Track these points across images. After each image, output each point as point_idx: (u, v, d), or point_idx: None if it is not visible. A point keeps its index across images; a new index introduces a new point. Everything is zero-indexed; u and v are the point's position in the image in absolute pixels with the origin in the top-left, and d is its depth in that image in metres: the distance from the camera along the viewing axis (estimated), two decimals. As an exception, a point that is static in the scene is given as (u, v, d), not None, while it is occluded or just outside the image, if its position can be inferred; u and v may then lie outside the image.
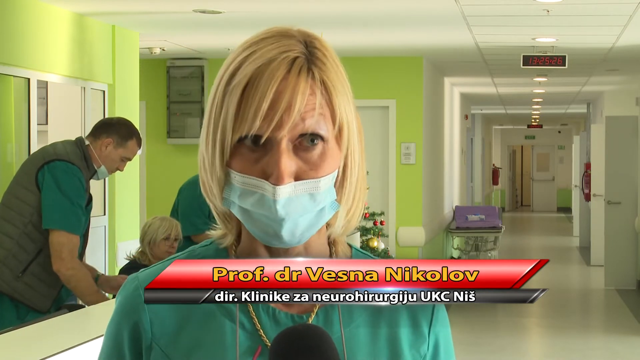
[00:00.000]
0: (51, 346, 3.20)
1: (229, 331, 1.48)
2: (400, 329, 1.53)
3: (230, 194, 1.45)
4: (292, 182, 1.42)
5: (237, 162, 1.44)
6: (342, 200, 1.49)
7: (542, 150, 38.15)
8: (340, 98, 1.47)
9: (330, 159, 1.45)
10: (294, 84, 1.42)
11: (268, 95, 1.41)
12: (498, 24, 8.88)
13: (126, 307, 1.52)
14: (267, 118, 1.41)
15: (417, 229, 11.79)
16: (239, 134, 1.42)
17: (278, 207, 1.40)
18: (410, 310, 1.54)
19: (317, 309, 1.50)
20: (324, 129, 1.44)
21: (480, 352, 9.79)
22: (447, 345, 1.58)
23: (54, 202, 4.91)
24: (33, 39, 7.02)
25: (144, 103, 11.20)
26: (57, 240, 4.91)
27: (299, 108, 1.41)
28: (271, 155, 1.42)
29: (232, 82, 1.44)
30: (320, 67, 1.46)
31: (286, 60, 1.43)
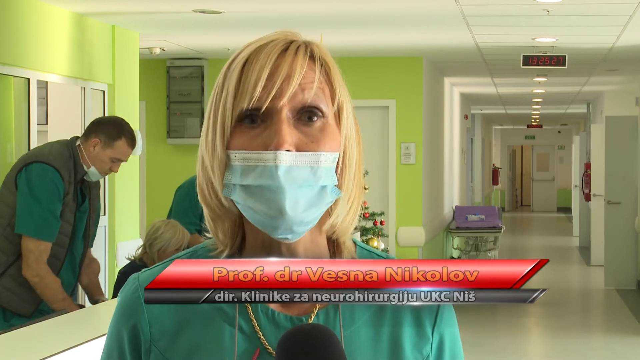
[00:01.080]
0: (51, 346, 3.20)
1: (227, 334, 1.48)
2: (403, 329, 1.51)
3: (231, 177, 1.44)
4: (294, 151, 1.41)
5: (236, 141, 1.44)
6: (343, 188, 1.47)
7: (542, 150, 38.15)
8: (338, 79, 1.49)
9: (331, 136, 1.45)
10: (293, 57, 1.44)
11: (267, 66, 1.42)
12: (498, 24, 8.88)
13: (126, 308, 1.52)
14: (266, 88, 1.42)
15: (417, 229, 11.79)
16: (239, 110, 1.43)
17: (279, 173, 1.39)
18: (414, 310, 1.52)
19: (317, 310, 1.49)
20: (324, 103, 1.45)
21: (480, 352, 9.79)
22: (453, 346, 1.57)
23: (25, 207, 4.83)
24: (33, 39, 7.02)
25: (143, 103, 11.20)
26: (25, 245, 4.85)
27: (297, 77, 1.43)
28: (271, 127, 1.42)
29: (231, 66, 1.47)
30: (318, 48, 1.49)
31: (284, 41, 1.47)
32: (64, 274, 5.08)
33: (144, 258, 5.72)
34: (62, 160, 4.93)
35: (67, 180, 4.94)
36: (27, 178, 4.85)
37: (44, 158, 4.90)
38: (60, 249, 5.01)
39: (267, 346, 1.47)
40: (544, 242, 23.24)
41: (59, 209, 4.91)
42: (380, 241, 8.66)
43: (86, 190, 5.10)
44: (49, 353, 3.05)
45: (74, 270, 5.16)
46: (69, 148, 5.00)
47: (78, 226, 5.08)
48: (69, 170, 4.95)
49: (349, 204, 1.50)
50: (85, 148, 5.02)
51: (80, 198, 5.07)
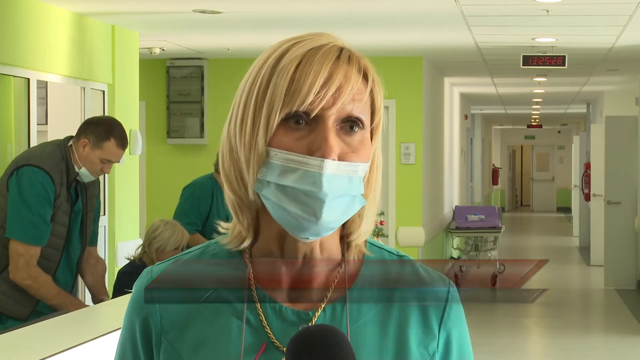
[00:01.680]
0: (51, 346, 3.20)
1: (234, 327, 1.49)
2: (410, 325, 1.52)
3: (267, 174, 1.44)
4: (337, 160, 1.43)
5: (279, 140, 1.44)
6: (367, 197, 1.51)
7: (542, 150, 38.15)
8: (380, 96, 1.53)
9: (367, 148, 1.49)
10: (346, 68, 1.47)
11: (323, 72, 1.44)
12: (498, 24, 8.88)
13: (138, 300, 1.55)
14: (319, 94, 1.43)
15: (417, 229, 11.79)
16: (287, 111, 1.43)
17: (324, 180, 1.41)
18: (421, 307, 1.53)
19: (325, 305, 1.50)
20: (366, 116, 1.49)
21: (480, 352, 9.79)
22: (461, 343, 1.58)
23: (14, 211, 4.81)
24: (33, 39, 7.02)
25: (143, 103, 11.19)
26: (14, 249, 4.83)
27: (351, 88, 1.45)
28: (317, 133, 1.43)
29: (280, 63, 1.46)
30: (365, 62, 1.53)
31: (335, 47, 1.49)
32: (60, 275, 5.07)
33: (143, 258, 5.72)
34: (53, 163, 4.89)
35: (58, 182, 4.89)
36: (17, 182, 4.83)
37: (35, 161, 4.86)
38: (54, 251, 5.00)
39: (274, 340, 1.48)
40: (543, 242, 23.23)
41: (49, 213, 4.88)
42: (380, 241, 8.66)
43: (80, 190, 5.07)
44: (48, 353, 3.05)
45: (71, 271, 5.15)
46: (61, 149, 4.95)
47: (73, 227, 5.05)
48: (61, 172, 4.91)
49: (369, 210, 1.54)
50: (76, 149, 4.98)
51: (74, 197, 5.04)
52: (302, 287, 1.51)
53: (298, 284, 1.51)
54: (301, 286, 1.51)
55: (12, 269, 4.84)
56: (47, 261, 4.96)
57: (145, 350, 1.54)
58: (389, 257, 1.59)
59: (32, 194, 4.81)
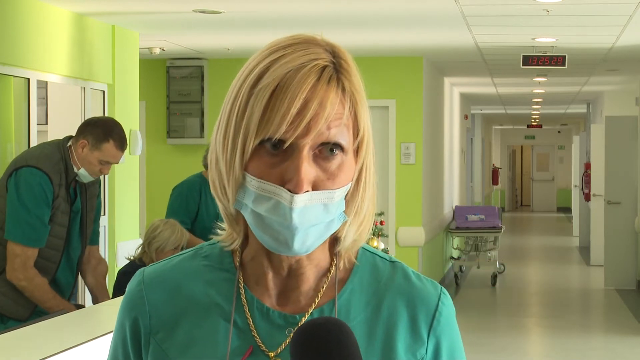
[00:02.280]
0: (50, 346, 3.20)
1: (222, 329, 1.49)
2: (398, 331, 1.50)
3: (244, 197, 1.44)
4: (310, 191, 1.41)
5: (255, 165, 1.43)
6: (352, 213, 1.48)
7: (542, 150, 38.15)
8: (363, 111, 1.48)
9: (347, 170, 1.45)
10: (324, 93, 1.42)
11: (297, 101, 1.40)
12: (498, 24, 8.88)
13: (129, 301, 1.56)
14: (293, 123, 1.40)
15: (417, 229, 11.79)
16: (261, 137, 1.41)
17: (294, 215, 1.40)
18: (411, 312, 1.51)
19: (312, 309, 1.50)
20: (346, 139, 1.44)
21: (480, 352, 9.79)
22: (452, 350, 1.54)
23: (12, 212, 4.81)
24: (33, 39, 7.02)
25: (143, 103, 11.20)
26: (11, 249, 4.84)
27: (326, 117, 1.41)
28: (292, 161, 1.41)
29: (258, 84, 1.43)
30: (348, 78, 1.47)
31: (316, 67, 1.43)
32: (60, 275, 5.07)
33: (143, 258, 5.72)
34: (52, 163, 4.88)
35: (56, 183, 4.89)
36: (15, 183, 4.82)
37: (34, 162, 4.85)
38: (54, 252, 4.99)
39: (260, 344, 1.48)
40: (543, 242, 23.23)
41: (47, 215, 4.87)
42: (380, 241, 8.65)
43: (79, 190, 5.06)
44: (48, 353, 3.05)
45: (72, 271, 5.15)
46: (60, 149, 4.94)
47: (72, 227, 5.05)
48: (60, 172, 4.90)
49: (361, 227, 1.51)
50: (75, 149, 4.97)
51: (73, 197, 5.03)
52: (291, 292, 1.51)
53: (287, 289, 1.51)
54: (290, 291, 1.51)
55: (9, 269, 4.84)
56: (47, 262, 4.96)
57: (134, 351, 1.54)
58: (381, 263, 1.56)
59: (30, 196, 4.81)
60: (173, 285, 1.54)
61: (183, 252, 1.59)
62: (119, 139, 5.01)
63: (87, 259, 5.27)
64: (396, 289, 1.53)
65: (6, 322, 4.92)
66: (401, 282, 1.54)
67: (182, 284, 1.53)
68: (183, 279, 1.54)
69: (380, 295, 1.52)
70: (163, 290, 1.54)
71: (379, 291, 1.53)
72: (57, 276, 5.04)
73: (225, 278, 1.53)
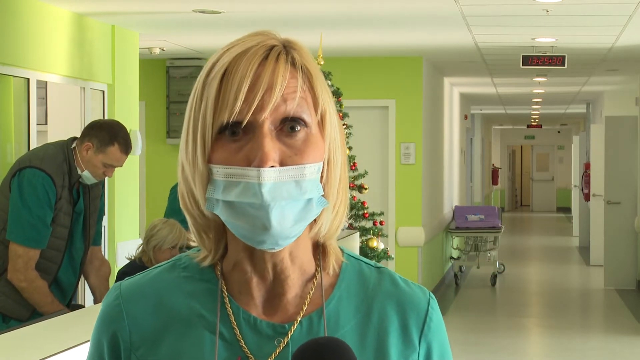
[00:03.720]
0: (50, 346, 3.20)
1: (207, 341, 1.45)
2: (390, 337, 1.48)
3: (213, 192, 1.40)
4: (277, 167, 1.37)
5: (218, 155, 1.40)
6: (329, 197, 1.44)
7: (542, 150, 38.16)
8: (321, 86, 1.44)
9: (315, 146, 1.41)
10: (274, 67, 1.39)
11: (247, 77, 1.38)
12: (498, 24, 8.88)
13: (106, 316, 1.50)
14: (247, 100, 1.37)
15: (417, 229, 11.79)
16: (219, 123, 1.39)
17: (264, 191, 1.36)
18: (401, 318, 1.49)
19: (301, 318, 1.46)
20: (307, 113, 1.41)
21: (480, 352, 9.79)
22: (442, 354, 1.53)
23: (15, 214, 4.81)
24: (33, 39, 7.02)
25: (143, 103, 11.20)
26: (13, 250, 4.84)
27: (280, 88, 1.38)
28: (254, 141, 1.38)
29: (210, 74, 1.43)
30: (299, 53, 1.43)
31: (264, 47, 1.41)
32: (62, 275, 5.07)
33: (142, 257, 5.72)
34: (55, 165, 4.88)
35: (59, 184, 4.89)
36: (18, 184, 4.83)
37: (37, 163, 4.86)
38: (56, 253, 5.00)
39: (249, 354, 1.44)
40: (543, 242, 23.24)
41: (49, 216, 4.87)
42: (379, 241, 8.66)
43: (82, 191, 5.07)
44: (48, 353, 3.05)
45: (75, 272, 5.16)
46: (64, 151, 4.95)
47: (75, 228, 5.05)
48: (63, 174, 4.91)
49: (335, 210, 1.47)
50: (79, 151, 4.97)
51: (76, 198, 5.04)
52: (277, 300, 1.46)
53: (273, 296, 1.47)
54: (276, 298, 1.47)
55: (11, 269, 4.85)
56: (48, 262, 4.97)
57: None
58: (367, 269, 1.53)
59: (33, 197, 4.81)
60: (153, 299, 1.48)
61: (160, 264, 1.53)
62: (124, 142, 5.02)
63: (89, 260, 5.27)
64: (385, 294, 1.50)
65: (7, 322, 4.92)
66: (389, 287, 1.51)
67: (162, 296, 1.48)
68: (163, 291, 1.49)
69: (369, 301, 1.49)
70: (143, 303, 1.48)
71: (367, 297, 1.49)
72: (59, 276, 5.04)
73: (207, 289, 1.48)
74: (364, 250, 8.42)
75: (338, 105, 8.51)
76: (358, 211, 8.61)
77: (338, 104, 8.50)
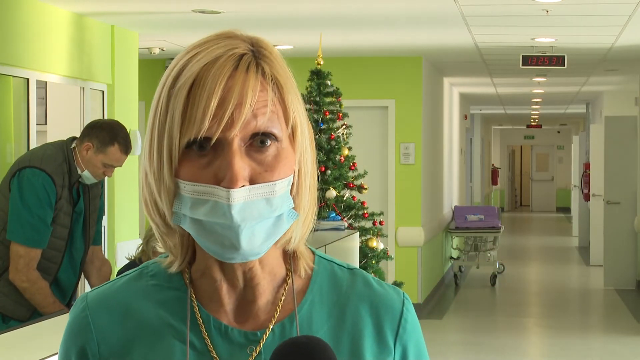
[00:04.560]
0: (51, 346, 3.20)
1: (177, 351, 1.41)
2: (364, 340, 1.45)
3: (180, 207, 1.36)
4: (247, 185, 1.33)
5: (185, 170, 1.35)
6: (300, 209, 1.40)
7: (542, 150, 38.16)
8: (291, 96, 1.39)
9: (286, 160, 1.37)
10: (243, 80, 1.34)
11: (216, 93, 1.32)
12: (497, 24, 8.88)
13: (74, 328, 1.47)
14: (216, 117, 1.32)
15: (417, 229, 11.79)
16: (187, 138, 1.33)
17: (233, 212, 1.31)
18: (375, 320, 1.46)
19: (273, 325, 1.43)
20: (277, 127, 1.36)
21: (480, 352, 9.79)
22: (418, 354, 1.50)
23: (15, 213, 4.81)
24: (32, 39, 7.02)
25: (143, 103, 11.17)
26: (15, 250, 4.84)
27: (250, 104, 1.33)
28: (223, 158, 1.33)
29: (176, 84, 1.36)
30: (269, 63, 1.38)
31: (233, 57, 1.35)
32: (63, 275, 5.07)
33: (142, 257, 5.72)
34: (55, 164, 4.88)
35: (59, 184, 4.89)
36: (18, 184, 4.82)
37: (37, 163, 4.85)
38: (56, 253, 5.00)
39: None
40: (543, 242, 23.24)
41: (50, 216, 4.87)
42: (379, 241, 8.66)
43: (82, 190, 5.07)
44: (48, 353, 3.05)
45: (75, 272, 5.16)
46: (64, 150, 4.95)
47: (75, 228, 5.05)
48: (63, 173, 4.91)
49: (304, 217, 1.43)
50: (79, 151, 4.97)
51: (76, 198, 5.04)
52: (248, 307, 1.43)
53: (244, 304, 1.43)
54: (247, 305, 1.43)
55: (12, 270, 4.85)
56: (49, 262, 4.97)
57: None
58: (339, 271, 1.50)
59: (33, 197, 4.81)
60: (121, 308, 1.44)
61: (127, 272, 1.50)
62: (124, 143, 5.02)
63: (90, 260, 5.27)
64: (358, 296, 1.47)
65: (7, 322, 4.92)
66: (362, 289, 1.48)
67: (130, 306, 1.44)
68: (131, 300, 1.45)
69: (342, 304, 1.46)
70: (110, 314, 1.44)
71: (340, 300, 1.46)
72: (59, 276, 5.04)
73: (176, 297, 1.44)
74: (363, 251, 8.41)
75: (338, 105, 8.50)
76: (358, 211, 8.60)
77: (338, 104, 8.49)
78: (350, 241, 7.09)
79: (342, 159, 8.41)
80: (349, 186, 8.48)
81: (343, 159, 8.42)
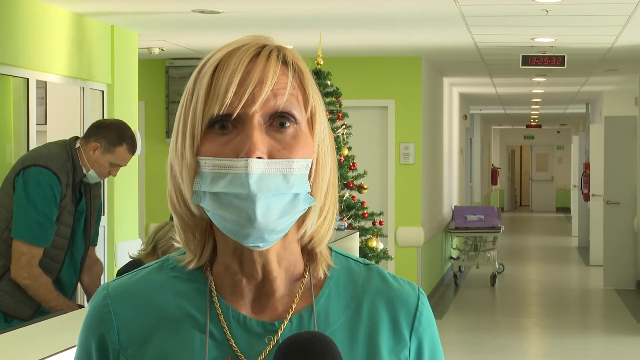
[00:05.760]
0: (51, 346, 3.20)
1: (197, 340, 1.45)
2: (380, 333, 1.48)
3: (201, 185, 1.40)
4: (265, 158, 1.38)
5: (207, 147, 1.40)
6: (316, 196, 1.44)
7: (541, 150, 38.17)
8: (312, 85, 1.45)
9: (304, 143, 1.42)
10: (265, 62, 1.41)
11: (238, 71, 1.39)
12: (497, 24, 8.88)
13: (94, 317, 1.50)
14: (237, 93, 1.38)
15: (416, 229, 11.79)
16: (209, 115, 1.39)
17: (251, 181, 1.36)
18: (391, 314, 1.49)
19: (291, 315, 1.46)
20: (297, 110, 1.42)
21: (480, 352, 9.79)
22: (432, 348, 1.53)
23: (20, 211, 4.81)
24: (32, 39, 7.02)
25: (142, 103, 11.20)
26: (17, 247, 4.84)
27: (270, 82, 1.39)
28: (243, 133, 1.39)
29: (202, 70, 1.43)
30: (289, 54, 1.46)
31: (256, 45, 1.43)
32: (64, 274, 5.08)
33: (145, 259, 5.71)
34: (59, 163, 4.89)
35: (64, 183, 4.90)
36: (24, 182, 4.82)
37: (42, 161, 4.86)
38: (59, 252, 5.00)
39: (239, 353, 1.44)
40: (543, 242, 23.24)
41: (55, 214, 4.88)
42: (379, 241, 8.66)
43: (84, 190, 5.08)
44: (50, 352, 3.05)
45: (75, 270, 5.17)
46: (68, 150, 4.95)
47: (77, 227, 5.07)
48: (67, 172, 4.92)
49: (324, 214, 1.47)
50: (85, 151, 4.98)
51: (78, 198, 5.05)
52: (266, 299, 1.47)
53: (261, 296, 1.47)
54: (265, 297, 1.47)
55: (14, 267, 4.85)
56: (51, 261, 4.97)
57: None
58: (355, 266, 1.53)
59: (39, 194, 4.82)
60: (142, 299, 1.48)
61: (148, 264, 1.53)
62: (132, 142, 5.06)
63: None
64: (374, 291, 1.50)
65: (10, 321, 4.93)
66: (379, 284, 1.51)
67: (151, 296, 1.48)
68: (152, 291, 1.48)
69: (358, 298, 1.49)
70: (131, 304, 1.48)
71: (357, 294, 1.50)
72: (61, 275, 5.05)
73: (197, 288, 1.48)
74: (363, 251, 8.42)
75: (338, 105, 8.50)
76: (357, 211, 8.61)
77: (338, 104, 8.50)
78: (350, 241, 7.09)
79: (342, 159, 8.42)
80: (349, 186, 8.48)
81: (343, 159, 8.42)
